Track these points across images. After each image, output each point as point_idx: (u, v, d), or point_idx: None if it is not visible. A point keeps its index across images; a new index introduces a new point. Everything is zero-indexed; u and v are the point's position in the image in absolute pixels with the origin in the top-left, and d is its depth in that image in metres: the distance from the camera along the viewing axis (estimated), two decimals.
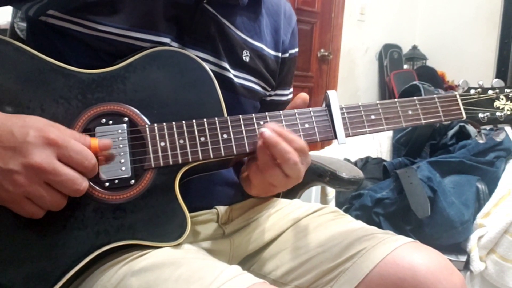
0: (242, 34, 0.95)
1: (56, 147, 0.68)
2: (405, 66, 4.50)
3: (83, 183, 0.71)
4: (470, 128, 2.15)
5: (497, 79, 0.98)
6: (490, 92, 0.97)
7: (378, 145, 2.45)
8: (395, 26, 4.54)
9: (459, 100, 0.94)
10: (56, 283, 0.72)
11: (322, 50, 4.00)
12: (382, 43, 4.46)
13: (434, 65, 4.39)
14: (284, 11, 1.07)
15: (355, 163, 2.29)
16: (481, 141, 0.99)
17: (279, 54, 1.04)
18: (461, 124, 2.18)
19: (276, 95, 1.08)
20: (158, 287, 0.70)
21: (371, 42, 4.43)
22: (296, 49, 1.11)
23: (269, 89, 1.03)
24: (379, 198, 1.93)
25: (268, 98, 1.06)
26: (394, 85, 4.15)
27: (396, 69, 4.35)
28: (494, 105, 0.96)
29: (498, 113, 0.95)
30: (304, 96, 0.89)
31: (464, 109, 0.94)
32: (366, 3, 4.30)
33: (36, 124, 0.69)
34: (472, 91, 0.96)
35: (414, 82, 2.28)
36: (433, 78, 4.19)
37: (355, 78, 4.39)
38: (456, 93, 0.95)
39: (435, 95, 0.93)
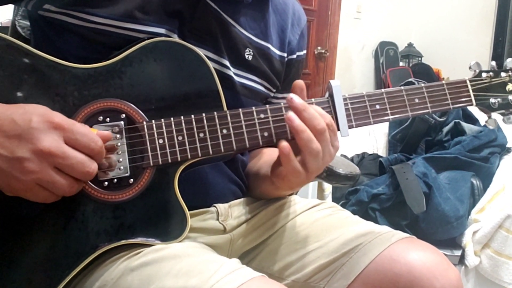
0: (246, 32, 0.93)
1: (62, 131, 0.68)
2: (401, 64, 4.49)
3: (93, 166, 0.70)
4: (465, 125, 2.16)
5: (511, 59, 0.91)
6: (503, 74, 0.90)
7: (374, 141, 2.45)
8: (391, 24, 4.53)
9: (469, 86, 0.88)
10: (58, 284, 0.72)
11: (319, 48, 3.98)
12: (378, 40, 4.45)
13: (430, 62, 4.38)
14: (293, 11, 1.04)
15: (352, 159, 2.29)
16: (491, 127, 0.93)
17: (285, 55, 1.01)
18: (456, 120, 2.18)
19: (283, 98, 1.04)
20: (158, 280, 0.69)
21: (368, 40, 4.42)
22: (304, 51, 1.07)
23: (274, 90, 1.01)
24: (375, 194, 1.93)
25: (275, 100, 1.03)
26: (390, 82, 4.14)
27: (392, 66, 4.34)
28: (507, 89, 0.90)
29: (510, 97, 0.89)
30: (299, 83, 0.83)
31: (474, 95, 0.88)
32: (363, 1, 4.29)
33: (37, 110, 0.68)
34: (484, 75, 0.90)
35: (410, 79, 2.29)
36: (429, 75, 4.18)
37: (352, 76, 4.38)
38: (466, 78, 0.89)
39: (443, 82, 0.87)
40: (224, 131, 0.79)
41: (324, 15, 3.98)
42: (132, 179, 0.76)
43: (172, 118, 0.78)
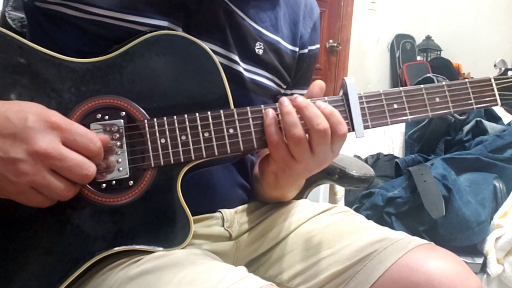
0: (255, 25, 0.93)
1: (59, 131, 0.67)
2: (419, 58, 4.48)
3: (91, 168, 0.70)
4: (487, 123, 2.15)
5: None
6: None
7: (390, 141, 2.44)
8: (407, 15, 4.53)
9: (494, 85, 0.88)
10: None
11: (330, 41, 3.98)
12: (394, 33, 4.44)
13: (449, 56, 4.37)
14: (305, 2, 1.04)
15: (366, 160, 2.29)
16: None
17: (297, 49, 1.01)
18: (478, 119, 2.17)
19: (293, 94, 1.04)
20: None
21: (383, 33, 4.42)
22: (317, 45, 1.07)
23: (284, 86, 1.01)
24: (391, 197, 1.92)
25: None
26: (407, 78, 4.13)
27: (409, 60, 4.34)
28: None
29: None
30: (320, 83, 0.83)
31: (499, 94, 0.88)
32: None
33: (33, 109, 0.68)
34: (510, 73, 0.90)
35: (428, 75, 2.28)
36: (448, 70, 4.17)
37: (366, 70, 4.37)
38: (491, 76, 0.89)
39: (466, 80, 0.87)
40: (231, 130, 0.79)
41: (336, 6, 3.97)
42: (132, 181, 0.76)
43: (175, 117, 0.77)
